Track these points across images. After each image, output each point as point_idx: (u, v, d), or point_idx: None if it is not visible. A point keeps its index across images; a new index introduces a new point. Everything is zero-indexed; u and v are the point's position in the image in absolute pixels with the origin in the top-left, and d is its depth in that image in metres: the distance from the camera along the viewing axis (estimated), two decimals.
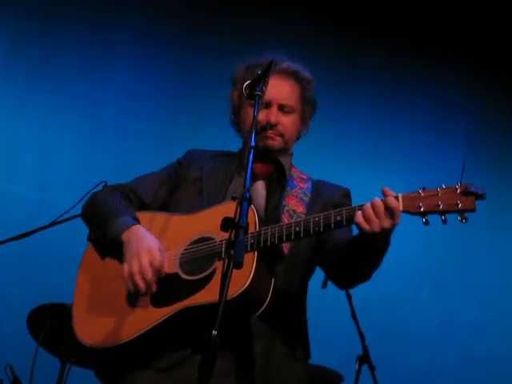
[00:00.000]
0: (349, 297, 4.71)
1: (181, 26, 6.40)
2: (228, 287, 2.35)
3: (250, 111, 3.12)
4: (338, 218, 2.70)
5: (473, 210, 2.56)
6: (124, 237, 2.95)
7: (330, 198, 3.14)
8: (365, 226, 2.64)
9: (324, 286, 4.60)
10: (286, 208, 3.04)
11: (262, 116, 3.12)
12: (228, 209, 2.77)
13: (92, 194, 3.24)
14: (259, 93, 2.85)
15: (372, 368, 4.66)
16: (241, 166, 3.16)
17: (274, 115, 3.15)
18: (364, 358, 4.67)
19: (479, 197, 2.57)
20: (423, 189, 2.63)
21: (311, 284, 3.17)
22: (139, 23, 6.41)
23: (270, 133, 3.14)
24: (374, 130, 6.57)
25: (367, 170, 6.35)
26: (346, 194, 3.21)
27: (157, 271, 2.85)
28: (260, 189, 3.13)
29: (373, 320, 5.76)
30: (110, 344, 2.87)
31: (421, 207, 2.61)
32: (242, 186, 3.04)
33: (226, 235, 2.75)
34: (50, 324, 4.35)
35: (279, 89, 3.17)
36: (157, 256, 2.87)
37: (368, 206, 2.65)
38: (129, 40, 6.40)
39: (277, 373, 2.88)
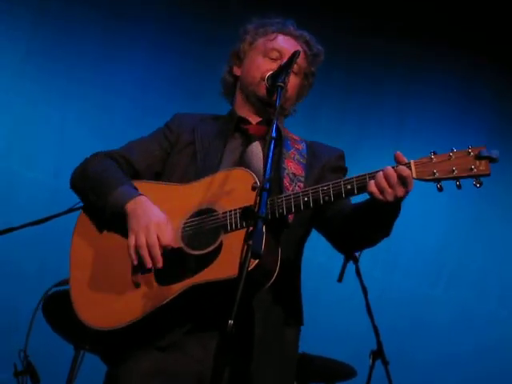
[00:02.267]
0: (364, 291, 4.68)
1: (199, 19, 6.39)
2: (245, 276, 2.33)
3: (258, 58, 3.11)
4: (349, 186, 2.65)
5: (488, 175, 2.51)
6: (129, 208, 2.84)
7: (327, 161, 3.10)
8: (379, 195, 2.60)
9: (340, 279, 4.60)
10: (286, 171, 2.97)
11: (267, 65, 3.08)
12: (228, 178, 2.79)
13: (83, 162, 3.12)
14: (281, 84, 2.82)
15: (385, 363, 4.64)
16: (233, 127, 3.13)
17: None
18: (378, 353, 4.66)
19: (493, 160, 2.51)
20: (434, 153, 2.57)
21: (327, 278, 3.16)
22: (157, 15, 6.40)
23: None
24: (399, 111, 6.55)
25: (391, 146, 6.32)
26: (341, 156, 3.17)
27: (164, 247, 2.77)
28: (257, 150, 3.05)
29: (388, 315, 5.75)
30: (116, 325, 2.79)
31: (435, 173, 2.55)
32: (235, 151, 3.04)
33: (228, 206, 2.77)
34: (63, 310, 4.35)
35: (292, 46, 3.13)
36: (166, 231, 2.78)
37: (381, 175, 2.60)
38: (147, 31, 6.40)
39: (272, 340, 2.84)
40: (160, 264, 2.75)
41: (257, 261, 2.54)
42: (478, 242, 6.46)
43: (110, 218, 2.92)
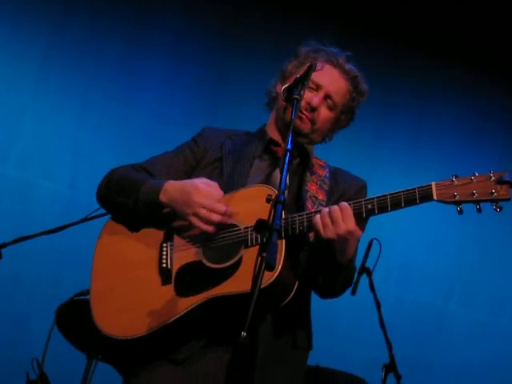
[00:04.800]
0: (378, 304, 4.67)
1: (218, 28, 6.41)
2: (259, 288, 2.33)
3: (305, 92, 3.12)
4: (370, 206, 2.69)
5: (508, 199, 2.55)
6: (162, 197, 2.89)
7: (346, 190, 3.11)
8: (321, 229, 2.68)
9: (353, 292, 4.58)
10: (309, 194, 3.00)
11: (306, 95, 3.05)
12: (250, 195, 2.83)
13: (107, 174, 3.14)
14: (297, 96, 2.83)
15: (398, 377, 4.61)
16: (261, 148, 3.15)
17: (318, 99, 3.11)
18: (390, 367, 4.63)
19: None
20: (456, 176, 2.61)
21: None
22: (177, 25, 6.42)
23: (304, 114, 3.10)
24: (410, 138, 6.54)
25: (402, 169, 6.33)
26: (362, 188, 3.17)
27: (219, 200, 2.81)
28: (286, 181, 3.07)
29: (401, 328, 5.74)
30: (133, 335, 2.81)
31: (456, 196, 2.59)
32: (263, 172, 3.07)
33: (249, 222, 2.80)
34: (77, 319, 4.36)
35: (334, 80, 3.16)
36: (208, 189, 2.83)
37: (325, 210, 2.68)
38: (166, 42, 6.42)
39: (276, 360, 2.85)
40: (225, 209, 2.79)
41: (276, 274, 2.59)
42: (490, 257, 6.43)
43: (144, 211, 2.95)
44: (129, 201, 2.96)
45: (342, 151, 5.96)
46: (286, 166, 2.59)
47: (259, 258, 2.37)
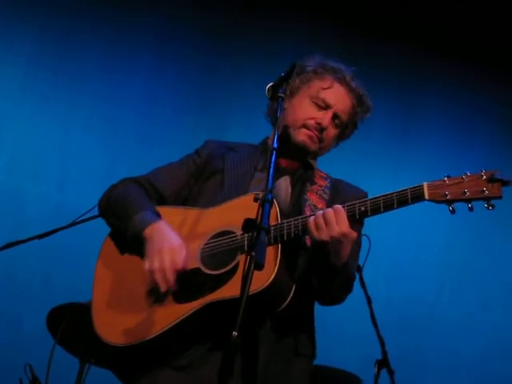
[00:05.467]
0: (369, 301, 4.68)
1: (204, 28, 6.40)
2: (249, 288, 2.35)
3: (306, 102, 3.15)
4: (363, 208, 2.73)
5: (499, 197, 2.57)
6: (146, 233, 2.91)
7: (347, 200, 3.03)
8: (314, 231, 2.71)
9: None
10: (308, 202, 3.03)
11: (315, 113, 3.13)
12: (248, 202, 2.81)
13: (109, 187, 3.18)
14: (282, 95, 2.84)
15: (391, 372, 4.62)
16: (263, 161, 3.18)
17: (328, 119, 3.14)
18: (383, 363, 4.64)
19: (505, 183, 2.56)
20: (448, 176, 2.63)
21: None
22: (161, 25, 6.41)
23: (314, 133, 3.13)
24: (398, 133, 6.55)
25: (390, 172, 6.33)
26: (364, 198, 3.15)
27: (178, 271, 2.82)
28: (285, 184, 3.11)
29: (393, 324, 5.75)
30: (132, 341, 2.84)
31: (447, 195, 2.61)
32: (263, 183, 3.06)
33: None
34: (70, 323, 4.35)
35: (341, 99, 3.19)
36: (178, 255, 2.83)
37: (320, 213, 2.72)
38: (151, 41, 6.41)
39: (280, 369, 2.86)
40: (173, 287, 2.81)
41: (272, 278, 2.62)
42: (480, 250, 6.45)
43: (131, 242, 2.99)
44: (121, 225, 3.03)
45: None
46: (272, 165, 2.61)
47: (248, 258, 2.38)
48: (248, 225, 2.58)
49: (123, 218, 3.01)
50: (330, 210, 2.71)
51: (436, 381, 6.13)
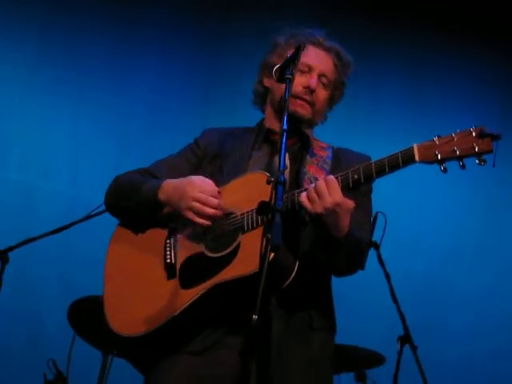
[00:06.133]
0: (388, 277, 4.68)
1: (210, 19, 6.38)
2: (266, 270, 2.34)
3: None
4: (356, 176, 2.68)
5: (490, 151, 2.51)
6: (161, 195, 2.94)
7: (350, 168, 3.01)
8: (308, 204, 2.67)
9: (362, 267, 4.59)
10: (307, 175, 2.99)
11: (301, 79, 3.08)
12: (245, 182, 2.85)
13: (113, 179, 3.19)
14: (289, 76, 2.82)
15: (414, 348, 4.62)
16: (260, 140, 3.16)
17: (315, 81, 3.11)
18: (405, 339, 4.64)
19: (495, 137, 2.51)
20: (438, 136, 2.59)
21: None
22: (168, 16, 6.40)
23: (304, 98, 3.09)
24: (406, 105, 6.52)
25: (399, 144, 6.31)
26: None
27: (213, 194, 2.85)
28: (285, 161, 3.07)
29: (413, 297, 5.76)
30: (144, 331, 2.85)
31: (437, 155, 2.56)
32: (261, 161, 3.07)
33: (245, 208, 2.83)
34: (91, 316, 4.36)
35: (322, 59, 3.16)
36: (203, 183, 2.88)
37: (312, 186, 2.67)
38: (157, 35, 6.41)
39: (293, 344, 2.84)
40: (220, 208, 2.83)
41: (271, 255, 2.53)
42: (497, 222, 6.44)
43: (147, 213, 3.00)
44: (131, 203, 3.02)
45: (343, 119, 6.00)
46: (283, 146, 2.60)
47: (264, 240, 2.38)
48: (262, 207, 2.56)
49: (132, 195, 3.01)
50: (321, 181, 2.67)
51: (457, 354, 6.13)
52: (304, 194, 2.68)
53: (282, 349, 2.80)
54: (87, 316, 4.33)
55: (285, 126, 2.65)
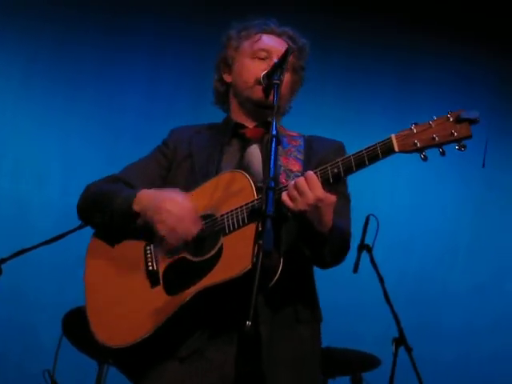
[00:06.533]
0: (381, 280, 4.69)
1: (199, 26, 6.38)
2: (258, 276, 2.33)
3: (247, 61, 3.08)
4: (336, 170, 2.63)
5: (469, 137, 2.48)
6: (135, 207, 2.86)
7: (325, 154, 3.01)
8: (290, 203, 2.61)
9: (355, 270, 4.60)
10: (282, 168, 2.94)
11: (258, 66, 3.04)
12: (220, 182, 2.81)
13: (84, 190, 3.11)
14: (277, 81, 2.81)
15: (409, 350, 4.64)
16: (229, 134, 3.11)
17: None
18: (400, 341, 4.65)
19: (473, 121, 2.48)
20: (415, 124, 2.56)
21: (342, 269, 3.12)
22: (155, 27, 6.41)
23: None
24: (395, 107, 6.53)
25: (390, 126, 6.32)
26: (340, 148, 3.09)
27: (194, 211, 2.78)
28: (255, 153, 3.02)
29: (407, 298, 5.77)
30: (132, 341, 2.80)
31: (416, 143, 2.53)
32: (233, 157, 3.03)
33: (224, 209, 2.78)
34: (85, 326, 4.35)
35: (279, 44, 3.11)
36: (183, 199, 2.80)
37: (292, 184, 2.61)
38: (145, 43, 6.40)
39: (281, 339, 2.81)
40: (202, 227, 2.77)
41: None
42: (488, 220, 6.46)
43: (121, 224, 2.94)
44: (105, 215, 2.95)
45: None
46: (273, 152, 2.59)
47: (256, 246, 2.37)
48: (253, 213, 2.55)
49: (105, 207, 2.94)
50: (300, 178, 2.61)
51: (453, 354, 6.14)
52: (285, 194, 2.63)
53: (271, 347, 2.77)
54: (81, 326, 4.32)
55: (274, 131, 2.63)
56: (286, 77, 3.04)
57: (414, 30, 6.54)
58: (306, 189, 2.60)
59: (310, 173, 2.63)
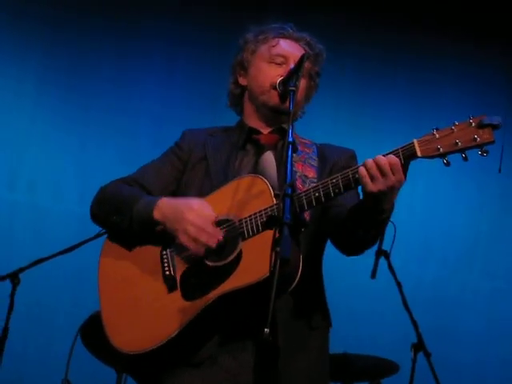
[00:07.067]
0: (399, 286, 4.67)
1: (213, 32, 6.39)
2: (276, 284, 2.31)
3: (263, 65, 3.08)
4: (357, 175, 2.61)
5: (492, 142, 2.47)
6: (156, 214, 2.86)
7: (336, 161, 3.04)
8: (368, 180, 2.58)
9: (373, 276, 4.59)
10: (298, 174, 2.94)
11: (274, 71, 3.05)
12: (238, 187, 2.80)
13: (99, 190, 3.12)
14: (293, 88, 2.81)
15: (427, 355, 4.62)
16: (243, 139, 3.10)
17: None
18: (419, 346, 4.64)
19: (495, 127, 2.48)
20: (437, 129, 2.54)
21: (360, 275, 3.12)
22: (169, 33, 6.42)
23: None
24: (412, 114, 6.51)
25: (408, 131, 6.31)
26: (352, 156, 3.11)
27: (215, 221, 2.78)
28: (270, 159, 3.01)
29: (425, 303, 5.75)
30: (150, 347, 2.78)
31: (439, 149, 2.51)
32: (248, 162, 3.04)
33: (242, 214, 2.78)
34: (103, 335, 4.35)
35: (296, 49, 3.10)
36: (204, 208, 2.79)
37: (371, 162, 2.58)
38: (160, 48, 6.43)
39: (296, 348, 2.82)
40: (221, 236, 2.76)
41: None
42: (505, 225, 6.43)
43: (139, 230, 2.93)
44: (124, 220, 2.94)
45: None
46: (289, 159, 2.57)
47: (273, 254, 2.35)
48: (271, 221, 2.55)
49: (123, 212, 2.93)
50: (383, 159, 2.56)
51: (471, 359, 6.11)
52: (363, 170, 2.59)
53: (286, 356, 2.77)
54: (99, 335, 4.32)
55: (290, 138, 2.62)
56: (302, 83, 3.06)
57: (427, 32, 6.53)
58: (389, 171, 2.56)
59: (393, 157, 2.58)
